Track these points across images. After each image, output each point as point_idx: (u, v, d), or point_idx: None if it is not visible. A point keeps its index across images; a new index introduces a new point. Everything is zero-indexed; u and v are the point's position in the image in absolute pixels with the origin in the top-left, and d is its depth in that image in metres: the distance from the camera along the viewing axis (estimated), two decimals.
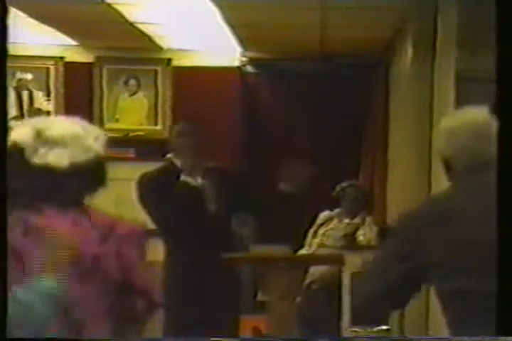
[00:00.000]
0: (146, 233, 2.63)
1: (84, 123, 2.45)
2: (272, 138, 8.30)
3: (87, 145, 2.38)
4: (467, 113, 2.28)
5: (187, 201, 3.95)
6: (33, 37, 8.10)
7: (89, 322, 2.29)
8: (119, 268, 2.42)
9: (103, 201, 6.30)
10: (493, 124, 2.17)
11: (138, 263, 2.50)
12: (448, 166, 2.26)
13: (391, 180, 7.33)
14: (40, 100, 8.31)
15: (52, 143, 2.35)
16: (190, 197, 3.97)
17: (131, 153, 7.95)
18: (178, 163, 4.05)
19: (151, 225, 4.66)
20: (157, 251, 4.19)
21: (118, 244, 2.46)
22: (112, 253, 2.41)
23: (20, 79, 8.26)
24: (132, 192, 5.71)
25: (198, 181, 4.00)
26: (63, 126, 2.41)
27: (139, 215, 4.80)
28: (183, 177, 3.99)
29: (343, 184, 6.69)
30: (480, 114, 2.22)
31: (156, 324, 4.05)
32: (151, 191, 4.02)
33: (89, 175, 2.49)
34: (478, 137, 2.18)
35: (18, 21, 7.82)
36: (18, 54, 8.28)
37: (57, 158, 2.34)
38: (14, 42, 8.92)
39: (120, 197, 5.72)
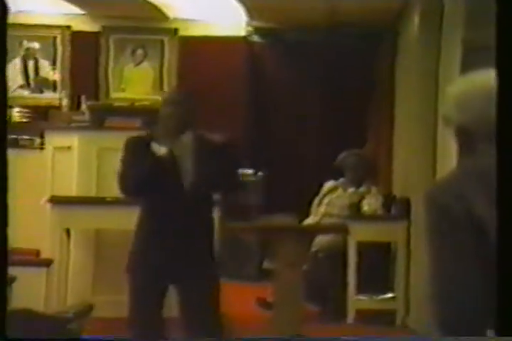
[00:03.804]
0: None
1: None
2: (278, 108, 8.30)
3: None
4: (478, 77, 2.19)
5: (147, 168, 3.89)
6: (39, 6, 8.08)
7: None
8: None
9: (107, 170, 6.33)
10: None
11: None
12: (462, 134, 2.17)
13: (397, 150, 7.34)
14: (47, 69, 8.31)
15: None
16: (152, 165, 3.89)
17: (136, 122, 7.96)
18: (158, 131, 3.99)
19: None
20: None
21: None
22: None
23: (27, 49, 8.25)
24: None
25: (162, 150, 3.91)
26: None
27: None
28: (152, 145, 3.93)
29: (345, 153, 6.69)
30: (492, 78, 2.13)
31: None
32: (123, 153, 4.00)
33: None
34: (493, 101, 2.09)
35: None
36: (25, 23, 8.27)
37: None
38: (21, 11, 8.91)
39: None
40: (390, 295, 6.22)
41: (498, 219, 1.96)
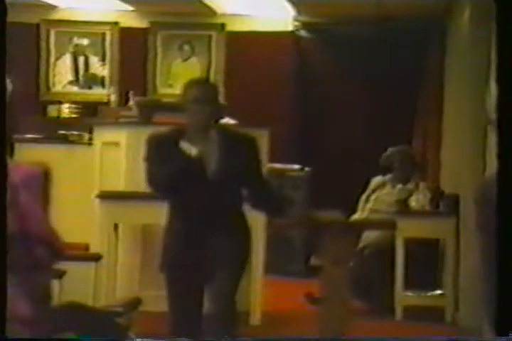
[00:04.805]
0: (41, 176, 2.55)
1: None
2: (325, 103, 8.27)
3: None
4: None
5: (178, 168, 3.82)
6: (89, 2, 8.15)
7: None
8: (15, 217, 2.39)
9: None
10: None
11: (35, 210, 2.46)
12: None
13: (445, 146, 7.28)
14: (96, 65, 8.38)
15: None
16: (183, 165, 3.82)
17: (184, 118, 7.99)
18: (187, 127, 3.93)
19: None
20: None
21: (14, 192, 2.40)
22: (8, 202, 2.35)
23: (76, 45, 8.33)
24: None
25: (194, 150, 3.81)
26: None
27: None
28: (181, 144, 3.89)
29: (392, 149, 6.66)
30: None
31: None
32: (150, 151, 3.94)
33: None
34: None
35: None
36: (74, 19, 8.35)
37: None
38: (71, 8, 8.97)
39: None
40: (438, 291, 6.17)
41: (499, 219, 1.95)
